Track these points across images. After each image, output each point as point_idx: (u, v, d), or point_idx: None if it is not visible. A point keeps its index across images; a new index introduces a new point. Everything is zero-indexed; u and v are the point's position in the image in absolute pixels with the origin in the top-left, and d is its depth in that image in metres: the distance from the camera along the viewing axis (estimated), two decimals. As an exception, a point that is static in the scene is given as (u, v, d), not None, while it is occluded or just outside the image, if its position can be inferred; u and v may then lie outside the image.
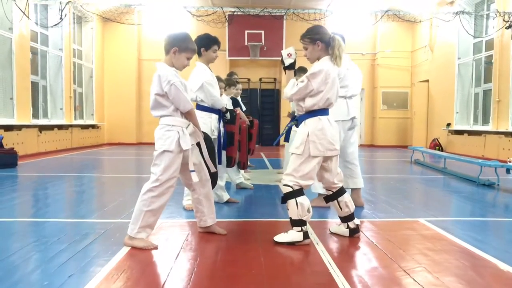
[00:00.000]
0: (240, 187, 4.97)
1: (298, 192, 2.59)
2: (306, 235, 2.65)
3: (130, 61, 13.57)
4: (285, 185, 2.63)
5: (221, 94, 4.24)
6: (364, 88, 14.11)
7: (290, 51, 2.71)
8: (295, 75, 2.75)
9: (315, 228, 3.07)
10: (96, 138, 12.98)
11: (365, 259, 2.41)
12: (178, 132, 2.50)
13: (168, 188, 2.52)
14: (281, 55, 2.74)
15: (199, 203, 2.81)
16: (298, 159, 2.62)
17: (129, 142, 13.48)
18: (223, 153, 3.82)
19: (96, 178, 5.94)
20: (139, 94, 13.92)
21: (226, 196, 4.04)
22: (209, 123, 3.63)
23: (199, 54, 3.58)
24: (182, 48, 2.54)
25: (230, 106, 4.66)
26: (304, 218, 2.63)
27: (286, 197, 2.63)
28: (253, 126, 4.74)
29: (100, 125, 13.27)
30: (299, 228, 2.62)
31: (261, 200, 4.32)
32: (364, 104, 14.26)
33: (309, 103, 2.62)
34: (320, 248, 2.60)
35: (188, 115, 2.56)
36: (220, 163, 3.74)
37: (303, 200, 2.61)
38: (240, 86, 5.83)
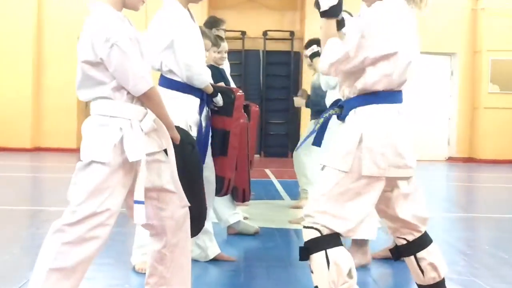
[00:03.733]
0: (236, 233, 5.05)
1: (330, 240, 2.63)
2: None
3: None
4: (306, 227, 2.67)
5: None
6: (457, 52, 14.26)
7: None
8: (340, 28, 2.80)
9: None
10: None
11: None
12: (122, 128, 2.53)
13: (93, 229, 2.51)
14: None
15: (160, 261, 2.81)
16: (336, 180, 2.66)
17: (18, 146, 13.51)
18: (212, 168, 3.91)
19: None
20: (40, 60, 13.89)
21: (213, 250, 4.10)
22: (184, 114, 3.68)
23: None
24: None
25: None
26: None
27: (308, 249, 2.66)
28: (249, 118, 4.83)
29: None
30: None
31: (273, 257, 4.35)
32: (456, 82, 14.41)
33: (367, 79, 2.65)
34: None
35: (145, 100, 2.59)
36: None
37: (339, 255, 2.63)
38: (225, 46, 5.87)
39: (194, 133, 3.74)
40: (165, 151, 2.72)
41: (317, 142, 2.91)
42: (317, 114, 5.50)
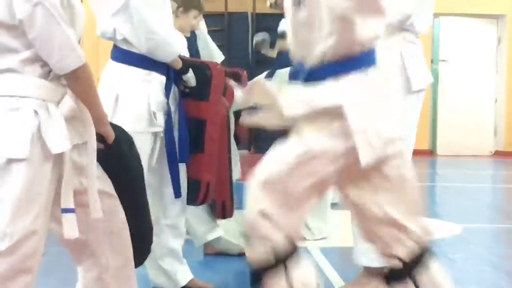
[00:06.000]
0: (216, 252, 5.08)
1: (287, 253, 2.62)
2: None
3: None
4: (250, 240, 2.67)
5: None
6: (506, 14, 14.22)
7: None
8: None
9: None
10: None
11: None
12: (36, 111, 2.51)
13: (30, 256, 2.51)
14: None
15: None
16: (300, 151, 2.63)
17: None
18: (181, 169, 3.91)
19: None
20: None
21: (184, 275, 4.10)
22: (145, 97, 3.72)
23: None
24: None
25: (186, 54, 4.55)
26: None
27: (259, 274, 2.63)
28: (241, 82, 4.83)
29: None
30: None
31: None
32: (504, 53, 14.37)
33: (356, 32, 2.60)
34: None
35: (73, 81, 2.59)
36: (179, 195, 3.80)
37: (303, 271, 2.65)
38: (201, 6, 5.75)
39: (160, 121, 3.76)
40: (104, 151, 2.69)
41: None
42: None
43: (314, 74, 2.65)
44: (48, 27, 2.47)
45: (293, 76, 2.74)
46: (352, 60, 2.64)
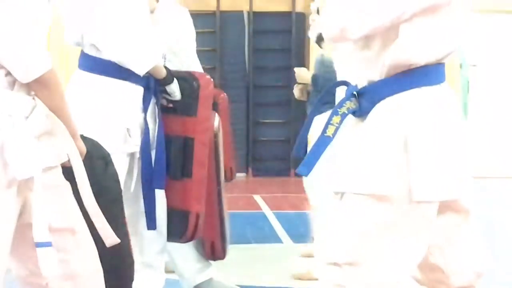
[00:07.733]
0: None
1: None
2: None
3: None
4: None
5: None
6: None
7: None
8: None
9: None
10: None
11: None
12: (0, 129, 2.48)
13: None
14: None
15: None
16: (371, 211, 2.65)
17: None
18: (159, 196, 3.95)
19: None
20: None
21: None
22: (119, 113, 3.79)
23: None
24: None
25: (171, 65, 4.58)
26: None
27: None
28: (217, 110, 4.86)
29: None
30: None
31: None
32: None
33: (401, 46, 2.60)
34: None
35: (40, 88, 2.59)
36: (152, 226, 3.79)
37: None
38: None
39: (136, 140, 3.81)
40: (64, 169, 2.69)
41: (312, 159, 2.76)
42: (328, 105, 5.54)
43: (369, 91, 2.70)
44: (5, 28, 2.47)
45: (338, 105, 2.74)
46: (420, 73, 2.65)
